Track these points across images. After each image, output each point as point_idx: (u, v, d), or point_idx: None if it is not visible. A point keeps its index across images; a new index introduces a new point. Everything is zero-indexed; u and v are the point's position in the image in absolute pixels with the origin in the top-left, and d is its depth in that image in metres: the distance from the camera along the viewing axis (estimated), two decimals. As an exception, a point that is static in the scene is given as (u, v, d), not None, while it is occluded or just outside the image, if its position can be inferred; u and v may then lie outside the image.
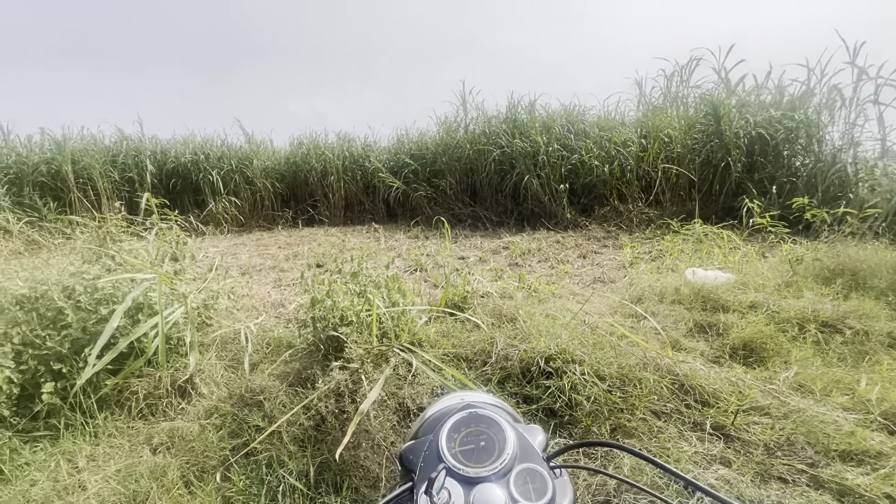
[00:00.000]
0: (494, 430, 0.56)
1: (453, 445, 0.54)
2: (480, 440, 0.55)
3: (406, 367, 1.80)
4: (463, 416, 0.58)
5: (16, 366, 1.83)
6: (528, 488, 0.49)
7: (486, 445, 0.54)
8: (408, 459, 0.56)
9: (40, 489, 1.51)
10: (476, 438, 0.55)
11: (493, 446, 0.54)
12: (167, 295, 2.24)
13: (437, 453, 0.53)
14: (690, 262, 3.52)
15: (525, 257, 4.59)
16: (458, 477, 0.50)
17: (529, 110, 6.94)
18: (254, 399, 1.91)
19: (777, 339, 2.22)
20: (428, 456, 0.54)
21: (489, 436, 0.55)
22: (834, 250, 3.00)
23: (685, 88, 6.48)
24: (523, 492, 0.48)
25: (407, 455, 0.56)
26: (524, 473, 0.51)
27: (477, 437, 0.55)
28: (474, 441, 0.55)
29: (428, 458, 0.54)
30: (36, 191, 6.68)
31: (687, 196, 5.80)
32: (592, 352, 2.01)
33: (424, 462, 0.54)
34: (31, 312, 1.96)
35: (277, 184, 7.92)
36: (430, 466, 0.52)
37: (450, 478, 0.50)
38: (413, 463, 0.55)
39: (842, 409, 1.73)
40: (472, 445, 0.54)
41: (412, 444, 0.58)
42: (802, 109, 5.36)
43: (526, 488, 0.49)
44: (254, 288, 3.64)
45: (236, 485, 1.53)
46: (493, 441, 0.54)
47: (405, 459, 0.56)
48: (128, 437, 1.79)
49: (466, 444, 0.54)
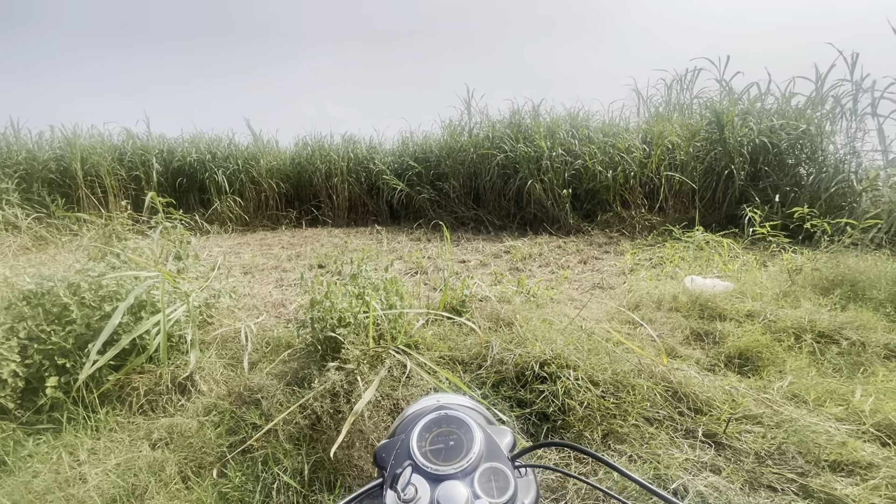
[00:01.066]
0: (463, 430, 0.58)
1: (424, 444, 0.57)
2: (450, 440, 0.57)
3: (401, 369, 1.82)
4: (434, 416, 0.60)
5: (21, 360, 1.88)
6: (491, 486, 0.51)
7: (455, 445, 0.56)
8: (380, 457, 0.58)
9: (42, 480, 1.55)
10: (446, 438, 0.58)
11: (462, 446, 0.56)
12: (170, 293, 2.28)
13: (408, 451, 0.56)
14: (690, 269, 3.53)
15: (526, 262, 4.61)
16: (425, 474, 0.52)
17: (534, 115, 6.97)
18: (252, 397, 1.94)
19: (773, 348, 2.22)
20: (399, 454, 0.57)
21: (458, 436, 0.58)
22: (833, 261, 3.00)
23: (688, 97, 6.50)
24: (486, 489, 0.51)
25: (380, 453, 0.59)
26: (488, 472, 0.53)
27: (447, 437, 0.58)
28: (444, 441, 0.57)
29: (398, 455, 0.56)
30: (45, 187, 6.78)
31: (690, 203, 5.81)
32: (587, 357, 2.03)
33: (395, 460, 0.56)
34: (37, 308, 2.00)
35: (282, 184, 7.98)
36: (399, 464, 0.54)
37: (417, 475, 0.52)
38: (385, 460, 0.57)
39: (834, 420, 1.74)
40: (442, 445, 0.57)
41: (386, 442, 0.61)
42: (806, 118, 5.36)
43: (489, 486, 0.51)
44: (256, 287, 3.68)
45: (232, 481, 1.56)
46: (462, 441, 0.57)
47: (378, 457, 0.59)
48: (128, 431, 1.82)
49: (436, 444, 0.57)
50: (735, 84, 5.98)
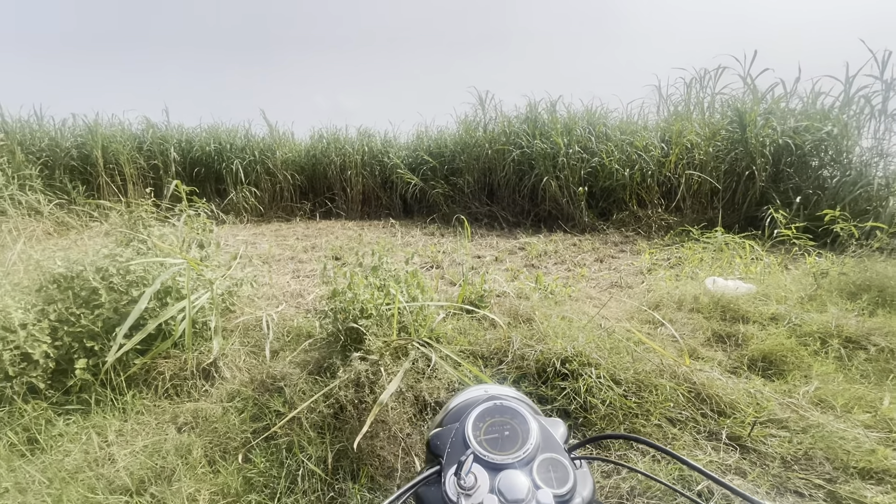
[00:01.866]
0: (518, 420, 0.58)
1: (479, 433, 0.56)
2: (505, 430, 0.57)
3: (425, 362, 1.83)
4: (488, 406, 0.60)
5: (52, 341, 1.92)
6: (550, 476, 0.51)
7: (510, 435, 0.56)
8: (435, 445, 0.58)
9: (73, 459, 1.59)
10: (500, 428, 0.57)
11: (517, 436, 0.56)
12: (194, 280, 2.31)
13: (464, 440, 0.56)
14: (710, 270, 3.48)
15: (541, 259, 4.59)
16: (484, 463, 0.52)
17: (551, 111, 6.90)
18: (274, 385, 1.96)
19: (798, 352, 2.19)
20: (455, 442, 0.56)
21: (513, 426, 0.57)
22: (861, 265, 2.93)
23: (710, 95, 6.38)
24: (546, 479, 0.50)
25: (434, 441, 0.59)
26: (547, 462, 0.53)
27: (501, 427, 0.57)
28: (499, 430, 0.57)
29: (455, 444, 0.56)
30: (66, 174, 6.89)
31: (708, 204, 5.72)
32: (609, 356, 2.02)
33: (451, 448, 0.56)
34: (67, 291, 2.04)
35: (297, 176, 8.02)
36: (456, 452, 0.55)
37: (476, 463, 0.52)
38: (440, 448, 0.57)
39: (863, 427, 1.70)
40: (497, 434, 0.56)
41: (439, 430, 0.60)
42: (832, 119, 5.23)
43: (548, 476, 0.51)
44: (273, 277, 3.72)
45: (257, 466, 1.58)
46: (517, 431, 0.56)
47: (433, 445, 0.59)
48: (154, 415, 1.86)
49: (491, 433, 0.57)
50: (760, 83, 5.85)
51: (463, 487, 0.48)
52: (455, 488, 0.49)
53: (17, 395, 1.80)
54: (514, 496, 0.47)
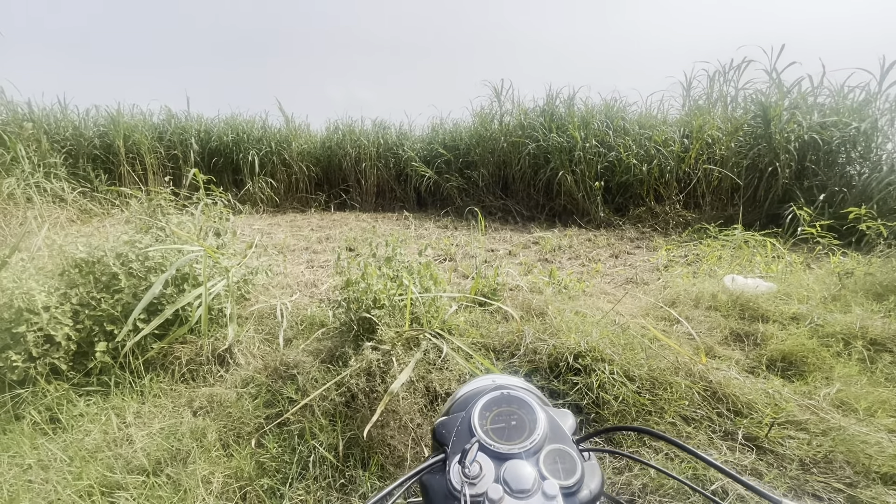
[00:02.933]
0: (525, 410, 0.57)
1: (485, 423, 0.56)
2: (511, 420, 0.56)
3: (436, 353, 1.83)
4: (495, 395, 0.59)
5: (73, 324, 1.97)
6: (557, 467, 0.50)
7: (517, 425, 0.55)
8: (440, 433, 0.57)
9: (92, 439, 1.63)
10: (507, 418, 0.56)
11: (524, 426, 0.55)
12: (210, 268, 2.35)
13: (469, 428, 0.55)
14: (729, 268, 3.40)
15: (555, 253, 4.54)
16: (490, 452, 0.51)
17: (568, 104, 6.79)
18: (287, 372, 1.98)
19: (819, 353, 2.12)
20: (460, 431, 0.56)
21: (520, 416, 0.56)
22: (889, 265, 2.83)
23: (733, 89, 6.19)
24: (553, 471, 0.49)
25: (440, 429, 0.58)
26: (554, 453, 0.52)
27: (508, 417, 0.56)
28: (505, 420, 0.56)
29: (460, 433, 0.56)
30: (89, 163, 7.05)
31: (728, 200, 5.58)
32: (622, 352, 1.99)
33: (457, 436, 0.55)
34: (88, 276, 2.09)
35: (312, 167, 8.07)
36: (462, 441, 0.54)
37: (481, 452, 0.51)
38: (445, 437, 0.56)
39: (886, 431, 1.65)
40: (503, 424, 0.55)
41: (445, 419, 0.60)
42: (861, 115, 5.04)
43: (555, 467, 0.50)
44: (288, 267, 3.76)
45: (270, 451, 1.60)
46: (524, 421, 0.56)
47: (438, 433, 0.58)
48: (171, 398, 1.90)
49: (497, 423, 0.56)
50: (786, 77, 5.65)
51: (467, 476, 0.47)
52: (459, 476, 0.48)
53: (41, 375, 1.86)
54: (520, 486, 0.46)
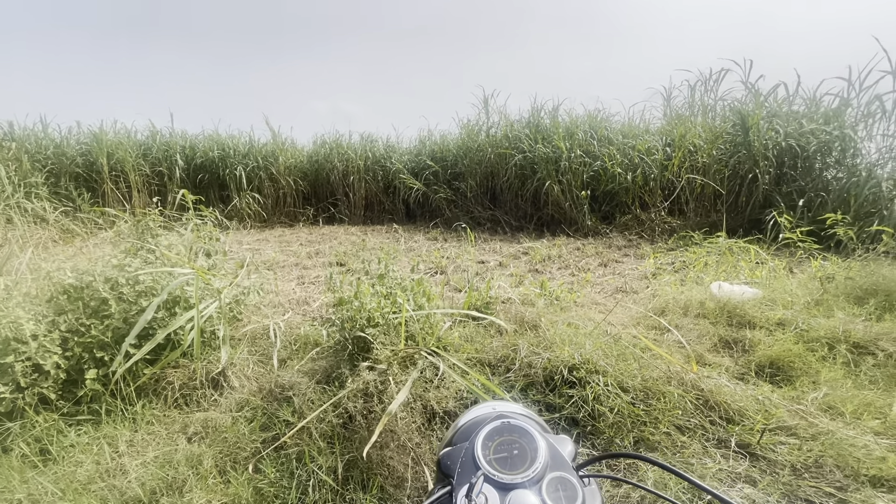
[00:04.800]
0: (526, 439, 0.59)
1: (488, 453, 0.57)
2: (514, 448, 0.58)
3: (433, 371, 1.83)
4: (496, 425, 0.61)
5: (62, 352, 1.93)
6: (559, 495, 0.52)
7: (519, 454, 0.57)
8: (445, 465, 0.59)
9: (85, 470, 1.59)
10: (509, 447, 0.58)
11: (526, 455, 0.57)
12: (202, 289, 2.33)
13: (474, 460, 0.56)
14: (715, 275, 3.47)
15: (545, 263, 4.59)
16: (494, 483, 0.53)
17: (553, 115, 6.92)
18: (283, 394, 1.97)
19: (806, 358, 2.18)
20: (465, 462, 0.57)
21: (521, 445, 0.58)
22: (867, 269, 2.93)
23: (712, 99, 6.39)
24: (555, 498, 0.51)
25: (445, 460, 0.60)
26: (555, 481, 0.53)
27: (510, 446, 0.58)
28: (507, 449, 0.58)
29: (465, 464, 0.57)
30: (71, 182, 6.94)
31: (711, 207, 5.72)
32: (616, 363, 2.02)
33: (462, 468, 0.57)
34: (77, 302, 2.06)
35: (300, 181, 8.06)
36: (467, 472, 0.55)
37: (486, 483, 0.53)
38: (451, 468, 0.58)
39: (873, 434, 1.70)
40: (506, 453, 0.57)
41: (449, 450, 0.61)
42: (837, 121, 5.22)
43: (557, 495, 0.52)
44: (279, 284, 3.73)
45: (268, 476, 1.58)
46: (526, 450, 0.57)
47: (443, 465, 0.59)
48: (164, 424, 1.86)
49: (500, 452, 0.57)
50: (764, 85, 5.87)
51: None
52: None
53: (29, 406, 1.82)
54: None
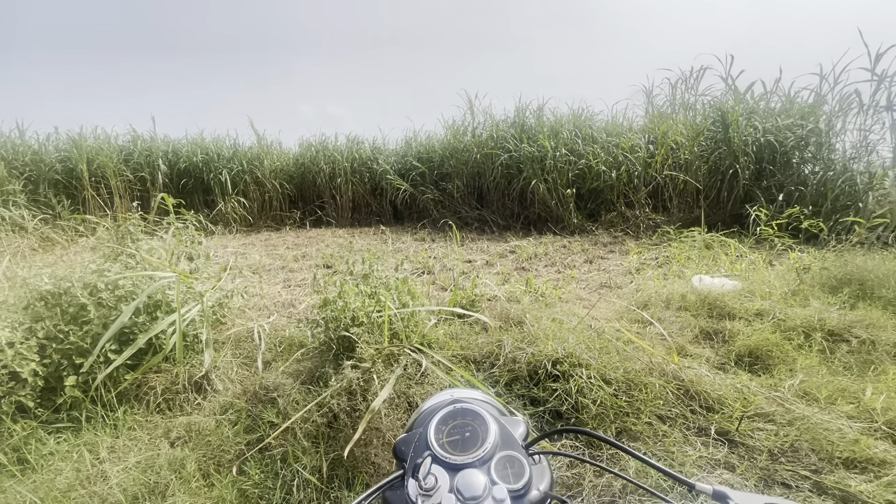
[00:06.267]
0: (478, 422, 0.62)
1: (441, 436, 0.60)
2: (466, 431, 0.61)
3: (416, 368, 1.84)
4: (450, 409, 0.64)
5: (40, 359, 1.90)
6: (507, 473, 0.55)
7: (471, 436, 0.60)
8: (400, 450, 0.62)
9: (65, 478, 1.57)
10: (462, 430, 0.61)
11: (477, 436, 0.60)
12: (184, 293, 2.31)
13: (426, 443, 0.59)
14: (697, 269, 3.54)
15: (532, 261, 4.63)
16: (444, 464, 0.56)
17: (538, 115, 6.98)
18: (267, 396, 1.96)
19: (783, 346, 2.24)
20: (417, 446, 0.60)
21: (474, 427, 0.61)
22: (841, 259, 3.01)
23: (693, 96, 6.50)
24: (502, 476, 0.54)
25: (399, 446, 0.62)
26: (504, 460, 0.56)
27: (463, 429, 0.61)
28: (460, 432, 0.61)
29: (417, 448, 0.60)
30: (51, 189, 6.80)
31: (694, 202, 5.81)
32: (599, 356, 2.05)
33: (414, 452, 0.59)
34: (55, 308, 2.03)
35: (286, 184, 8.00)
36: (419, 455, 0.58)
37: (436, 465, 0.55)
38: (404, 453, 0.61)
39: (846, 418, 1.75)
40: (458, 436, 0.60)
41: (405, 436, 0.64)
42: (813, 117, 5.35)
43: (505, 472, 0.55)
44: (264, 287, 3.70)
45: (252, 478, 1.58)
46: (477, 432, 0.60)
47: (398, 450, 0.62)
48: (147, 430, 1.84)
49: (453, 436, 0.60)
50: (741, 82, 5.99)
51: (423, 489, 0.51)
52: (416, 490, 0.51)
53: (6, 414, 1.78)
54: (472, 493, 0.50)
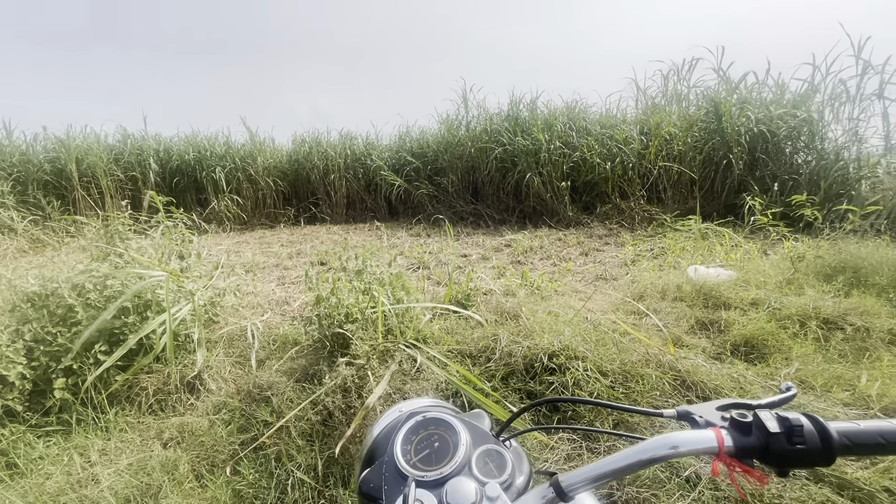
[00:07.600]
0: (444, 427, 0.57)
1: (410, 456, 0.55)
2: (434, 442, 0.56)
3: (411, 363, 1.82)
4: (410, 424, 0.59)
5: (28, 362, 1.87)
6: (489, 467, 0.52)
7: (441, 445, 0.56)
8: (369, 488, 0.55)
9: (55, 482, 1.54)
10: (429, 442, 0.56)
11: (448, 444, 0.55)
12: (175, 292, 2.27)
13: (397, 470, 0.53)
14: (692, 259, 3.54)
15: (527, 255, 4.61)
16: (426, 484, 0.51)
17: (531, 108, 6.94)
18: (261, 395, 1.94)
19: (778, 335, 2.24)
20: (388, 477, 0.54)
21: (441, 435, 0.57)
22: (835, 248, 3.01)
23: (685, 87, 6.49)
24: (486, 472, 0.52)
25: (367, 484, 0.55)
26: (483, 455, 0.54)
27: (430, 440, 0.57)
28: (429, 445, 0.56)
29: (389, 479, 0.54)
30: (40, 189, 6.71)
31: (689, 193, 5.81)
32: (595, 348, 2.04)
33: (388, 484, 0.53)
34: (42, 310, 1.99)
35: (280, 182, 7.93)
36: (394, 487, 0.52)
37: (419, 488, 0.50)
38: (377, 489, 0.54)
39: (842, 405, 1.75)
40: (428, 449, 0.55)
41: (368, 471, 0.57)
42: (805, 106, 5.36)
43: (488, 468, 0.52)
44: (258, 285, 3.67)
45: (246, 478, 1.56)
46: (446, 439, 0.56)
47: (366, 489, 0.55)
48: (138, 431, 1.82)
49: (422, 451, 0.55)
50: (733, 73, 5.98)
51: None
52: None
53: (-7, 419, 1.75)
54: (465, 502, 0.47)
